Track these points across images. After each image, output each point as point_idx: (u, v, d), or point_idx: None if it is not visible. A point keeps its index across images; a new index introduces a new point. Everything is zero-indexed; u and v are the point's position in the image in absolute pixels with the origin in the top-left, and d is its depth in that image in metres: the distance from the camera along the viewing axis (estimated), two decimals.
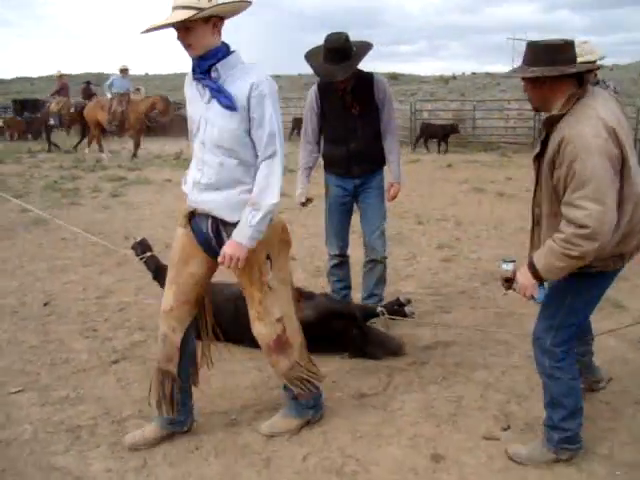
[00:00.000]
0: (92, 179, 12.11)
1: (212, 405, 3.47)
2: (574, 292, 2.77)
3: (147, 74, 67.18)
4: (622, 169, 2.49)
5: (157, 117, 15.89)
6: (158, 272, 4.40)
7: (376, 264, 4.61)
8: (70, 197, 10.07)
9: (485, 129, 21.04)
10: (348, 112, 4.30)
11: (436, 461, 2.96)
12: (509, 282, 2.92)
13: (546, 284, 2.87)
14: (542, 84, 2.60)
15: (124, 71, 16.05)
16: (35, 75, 53.12)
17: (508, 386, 3.68)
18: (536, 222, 2.86)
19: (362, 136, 4.34)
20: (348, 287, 4.78)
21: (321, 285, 5.19)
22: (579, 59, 2.67)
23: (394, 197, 4.60)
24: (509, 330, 4.47)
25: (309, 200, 4.55)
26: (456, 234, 7.48)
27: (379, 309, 4.28)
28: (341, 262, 4.70)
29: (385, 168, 4.57)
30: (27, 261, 6.41)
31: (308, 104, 4.44)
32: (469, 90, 37.58)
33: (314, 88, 4.41)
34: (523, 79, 2.68)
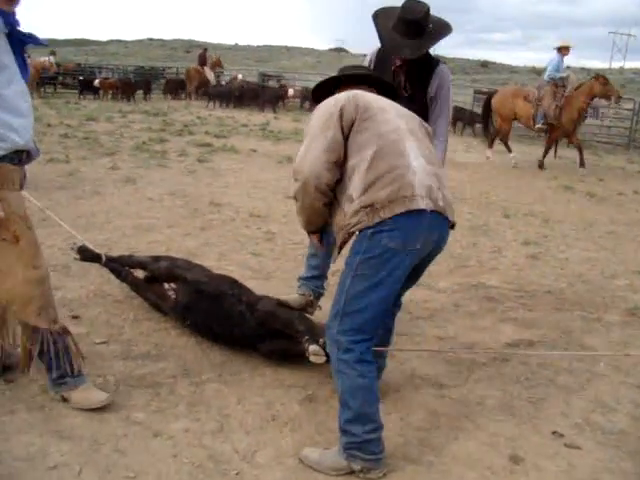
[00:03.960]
0: (179, 143, 12.33)
1: (291, 377, 3.47)
2: (348, 270, 2.58)
3: (237, 44, 68.14)
4: (365, 119, 2.59)
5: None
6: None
7: None
8: (157, 159, 10.28)
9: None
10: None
11: (515, 462, 2.87)
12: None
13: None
14: None
15: (564, 49, 12.16)
16: (129, 38, 54.81)
17: (593, 395, 3.53)
18: None
19: None
20: (320, 277, 4.01)
21: None
22: None
23: None
24: (594, 336, 4.32)
25: None
26: (543, 231, 7.24)
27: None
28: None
29: None
30: (114, 217, 6.57)
31: (365, 63, 3.83)
32: None
33: (373, 51, 3.83)
34: None
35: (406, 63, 3.63)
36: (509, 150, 12.94)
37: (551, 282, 5.43)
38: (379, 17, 3.60)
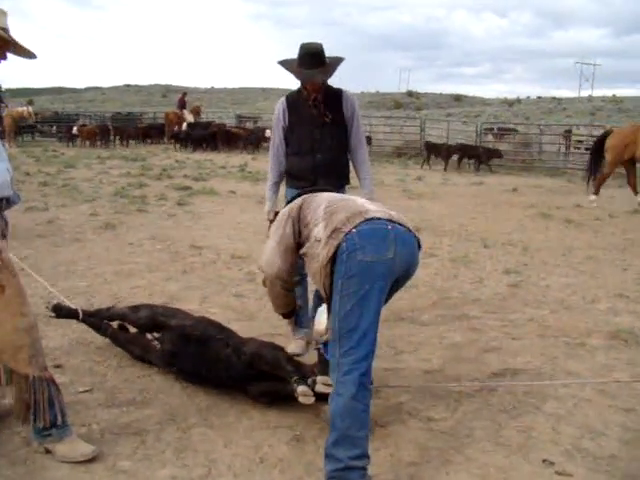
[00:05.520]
0: (158, 187, 12.36)
1: (278, 418, 3.44)
2: (335, 294, 2.76)
3: (213, 87, 68.80)
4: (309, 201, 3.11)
5: None
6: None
7: None
8: (137, 204, 10.28)
9: (551, 154, 20.64)
10: (317, 123, 4.24)
11: None
12: None
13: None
14: None
15: None
16: (106, 85, 55.45)
17: (580, 420, 3.53)
18: None
19: (329, 147, 4.28)
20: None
21: None
22: None
23: None
24: (579, 362, 4.34)
25: (277, 214, 4.43)
26: (523, 260, 7.30)
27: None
28: (298, 280, 4.14)
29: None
30: (95, 264, 6.54)
31: (276, 117, 4.39)
32: (534, 114, 37.09)
33: (282, 101, 4.38)
34: None
35: (321, 93, 4.21)
36: (597, 193, 11.92)
37: (533, 310, 5.46)
38: (284, 63, 4.21)
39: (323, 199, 3.04)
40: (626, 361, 4.38)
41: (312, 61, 4.08)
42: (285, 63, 4.22)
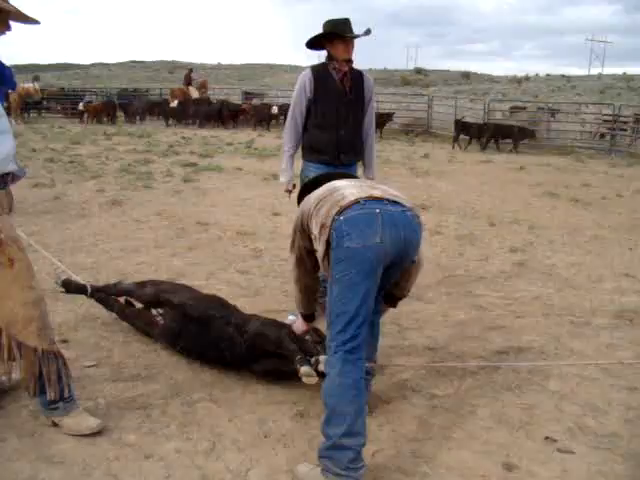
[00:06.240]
0: (164, 164, 12.34)
1: (282, 394, 3.47)
2: (330, 279, 2.79)
3: (219, 63, 68.46)
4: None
5: None
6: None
7: None
8: (143, 180, 10.28)
9: (559, 132, 20.47)
10: (343, 98, 4.33)
11: (508, 469, 2.87)
12: None
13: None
14: None
15: None
16: (112, 61, 55.09)
17: (583, 398, 3.55)
18: None
19: (352, 124, 4.40)
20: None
21: None
22: None
23: None
24: (583, 341, 4.34)
25: (295, 187, 4.47)
26: (529, 238, 7.28)
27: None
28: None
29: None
30: (101, 240, 6.56)
31: (300, 88, 4.36)
32: (543, 92, 36.75)
33: (308, 72, 4.36)
34: None
35: (350, 69, 4.31)
36: None
37: (539, 288, 5.46)
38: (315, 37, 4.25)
39: (314, 197, 3.02)
40: (630, 340, 4.38)
41: (344, 26, 4.17)
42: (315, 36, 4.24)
